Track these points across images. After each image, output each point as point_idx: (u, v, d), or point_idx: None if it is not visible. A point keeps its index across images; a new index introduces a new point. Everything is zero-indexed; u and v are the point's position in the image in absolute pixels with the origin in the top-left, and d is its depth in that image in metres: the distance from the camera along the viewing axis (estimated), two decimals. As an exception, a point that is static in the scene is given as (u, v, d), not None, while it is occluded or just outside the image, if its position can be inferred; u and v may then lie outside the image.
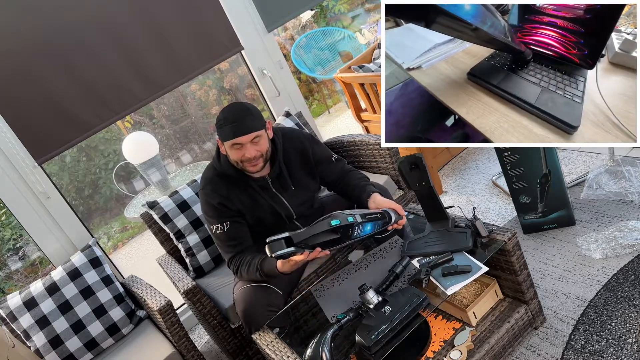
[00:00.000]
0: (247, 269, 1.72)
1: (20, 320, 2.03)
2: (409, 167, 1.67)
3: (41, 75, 2.29)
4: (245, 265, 1.73)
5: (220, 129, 1.70)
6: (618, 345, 1.52)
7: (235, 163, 1.74)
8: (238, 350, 2.03)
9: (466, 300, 1.70)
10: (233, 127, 1.66)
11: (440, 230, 1.69)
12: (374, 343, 1.40)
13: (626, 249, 1.83)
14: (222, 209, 1.77)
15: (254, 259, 1.72)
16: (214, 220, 1.78)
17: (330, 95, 5.90)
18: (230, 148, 1.71)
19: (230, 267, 1.80)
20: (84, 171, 5.18)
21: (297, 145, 1.88)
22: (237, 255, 1.77)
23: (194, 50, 2.61)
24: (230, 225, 1.77)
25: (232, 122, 1.66)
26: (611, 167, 2.25)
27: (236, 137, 1.66)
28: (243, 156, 1.70)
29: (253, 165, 1.73)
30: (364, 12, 5.81)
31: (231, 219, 1.78)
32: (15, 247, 4.77)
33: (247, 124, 1.67)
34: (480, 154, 2.97)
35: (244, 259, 1.74)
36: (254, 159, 1.71)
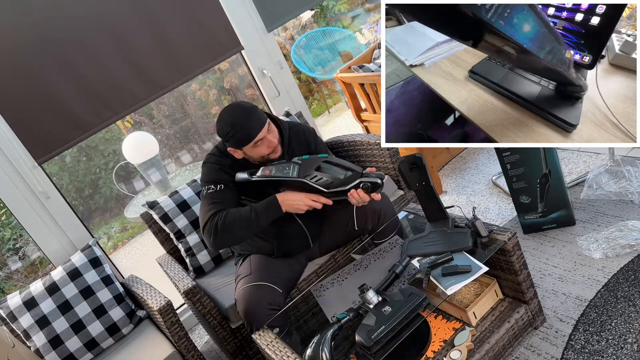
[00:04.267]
0: (238, 213, 1.68)
1: (20, 320, 2.03)
2: (409, 167, 1.67)
3: (41, 75, 2.29)
4: (234, 213, 1.68)
5: (232, 138, 1.70)
6: (618, 345, 1.52)
7: (261, 158, 1.76)
8: (238, 350, 2.03)
9: (466, 300, 1.70)
10: (248, 129, 1.68)
11: (440, 230, 1.69)
12: (374, 343, 1.40)
13: (626, 249, 1.83)
14: (224, 175, 1.78)
15: (243, 207, 1.71)
16: (210, 182, 1.78)
17: (330, 95, 5.90)
18: (252, 149, 1.72)
19: (210, 223, 1.69)
20: (84, 171, 5.18)
21: (301, 137, 1.91)
22: (221, 211, 1.71)
23: (194, 50, 2.61)
24: (223, 188, 1.77)
25: (242, 127, 1.68)
26: (611, 167, 2.25)
27: (256, 136, 1.69)
28: (267, 147, 1.73)
29: (276, 152, 1.76)
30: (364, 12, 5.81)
31: (226, 184, 1.77)
32: (15, 247, 4.77)
33: (256, 121, 1.70)
34: (480, 154, 2.97)
35: (231, 210, 1.70)
36: (277, 146, 1.75)
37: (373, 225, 1.89)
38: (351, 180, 1.65)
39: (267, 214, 1.71)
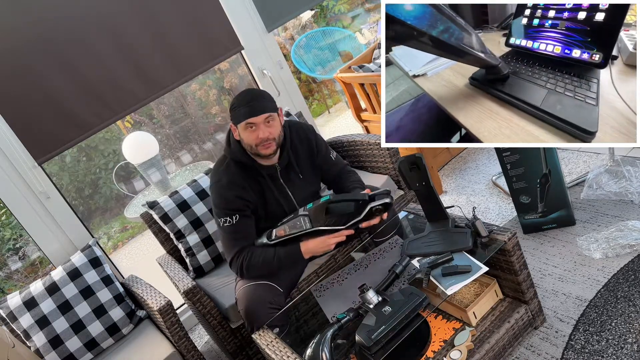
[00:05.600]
0: (262, 257, 1.73)
1: (20, 320, 2.03)
2: (409, 167, 1.67)
3: (41, 74, 2.29)
4: (258, 256, 1.73)
5: (233, 111, 1.73)
6: (618, 345, 1.51)
7: (249, 147, 1.76)
8: (238, 350, 2.03)
9: (466, 300, 1.70)
10: (247, 108, 1.70)
11: (440, 230, 1.69)
12: (374, 343, 1.40)
13: (626, 249, 1.83)
14: (237, 201, 1.77)
15: (267, 249, 1.73)
16: (225, 212, 1.78)
17: (330, 95, 5.90)
18: (244, 130, 1.73)
19: (236, 262, 1.77)
20: (84, 171, 5.18)
21: (302, 135, 1.92)
22: (244, 250, 1.76)
23: (194, 50, 2.62)
24: (239, 218, 1.77)
25: (246, 104, 1.70)
26: (611, 167, 2.25)
27: (250, 117, 1.70)
28: (257, 137, 1.72)
29: (266, 148, 1.74)
30: (364, 12, 5.81)
31: (241, 213, 1.78)
32: (15, 247, 4.77)
33: (260, 104, 1.71)
34: (480, 154, 2.97)
35: (255, 252, 1.75)
36: (267, 141, 1.73)
37: (373, 224, 1.89)
38: (362, 208, 1.66)
39: (289, 260, 1.75)
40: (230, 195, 1.77)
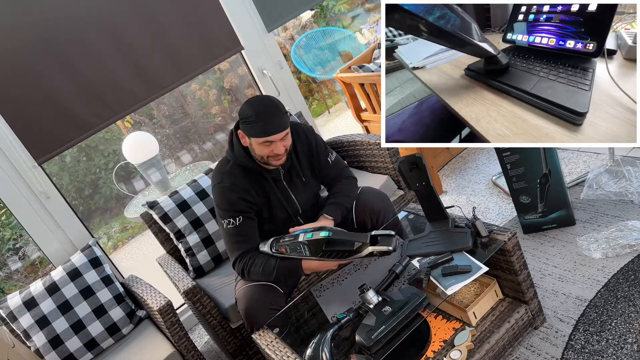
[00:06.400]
0: (262, 267, 1.72)
1: (20, 320, 2.03)
2: (409, 167, 1.67)
3: (41, 74, 2.29)
4: (259, 266, 1.72)
5: (249, 124, 1.69)
6: (618, 345, 1.51)
7: (260, 157, 1.74)
8: (238, 350, 2.03)
9: (466, 300, 1.70)
10: (265, 126, 1.66)
11: (440, 230, 1.69)
12: (374, 343, 1.40)
13: (626, 249, 1.83)
14: (240, 203, 1.76)
15: (269, 259, 1.72)
16: (228, 214, 1.76)
17: (330, 95, 5.90)
18: (258, 145, 1.71)
19: (238, 265, 1.78)
20: (84, 171, 5.18)
21: (303, 137, 1.91)
22: (247, 253, 1.76)
23: (194, 50, 2.61)
24: (242, 220, 1.77)
25: (264, 120, 1.66)
26: (611, 167, 2.25)
27: (269, 136, 1.67)
28: (271, 152, 1.71)
29: (278, 159, 1.74)
30: (364, 12, 5.81)
31: (244, 214, 1.77)
32: (15, 247, 4.77)
33: (279, 122, 1.68)
34: (480, 154, 2.97)
35: (257, 260, 1.74)
36: (282, 155, 1.73)
37: (372, 224, 1.89)
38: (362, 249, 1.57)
39: (289, 274, 1.74)
40: (233, 197, 1.76)
